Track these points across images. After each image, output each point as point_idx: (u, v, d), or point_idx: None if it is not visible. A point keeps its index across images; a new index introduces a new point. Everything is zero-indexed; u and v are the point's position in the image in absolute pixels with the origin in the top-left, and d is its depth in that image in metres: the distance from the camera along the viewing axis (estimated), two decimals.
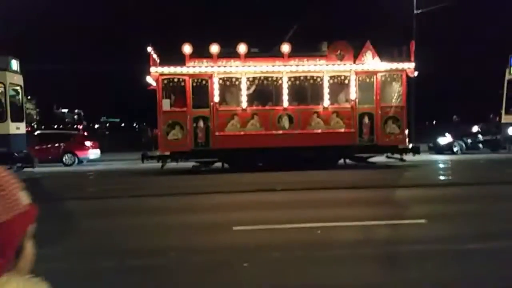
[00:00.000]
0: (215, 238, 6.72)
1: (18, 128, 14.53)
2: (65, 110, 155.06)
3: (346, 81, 15.15)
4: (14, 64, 14.34)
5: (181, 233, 7.05)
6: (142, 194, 10.67)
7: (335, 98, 15.24)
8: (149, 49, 14.20)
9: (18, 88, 14.79)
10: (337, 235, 6.83)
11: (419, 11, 25.38)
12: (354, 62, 15.06)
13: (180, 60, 14.39)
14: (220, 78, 14.61)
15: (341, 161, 15.82)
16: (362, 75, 15.15)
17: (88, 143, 20.10)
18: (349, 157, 15.83)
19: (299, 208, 8.69)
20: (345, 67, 15.04)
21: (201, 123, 14.50)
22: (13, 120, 14.03)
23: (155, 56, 14.51)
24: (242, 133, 14.71)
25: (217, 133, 14.56)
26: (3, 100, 13.87)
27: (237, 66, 14.63)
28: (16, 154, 14.39)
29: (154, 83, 14.64)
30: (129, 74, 15.87)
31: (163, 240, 6.71)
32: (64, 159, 19.09)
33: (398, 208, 8.61)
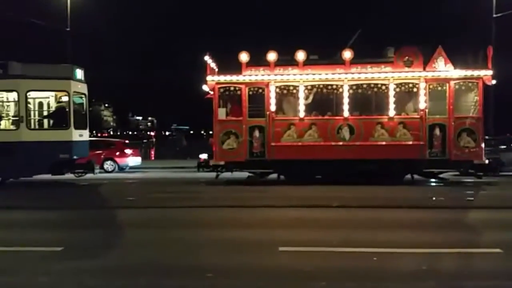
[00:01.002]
0: (257, 260, 6.16)
1: (81, 135, 14.94)
2: (140, 118, 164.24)
3: (415, 90, 13.99)
4: (79, 73, 14.80)
5: (221, 250, 6.56)
6: (188, 205, 10.33)
7: (402, 107, 14.11)
8: (206, 57, 14.06)
9: (82, 96, 15.25)
10: (395, 264, 6.00)
11: (499, 14, 23.34)
12: (424, 69, 13.89)
13: (236, 68, 14.11)
14: (277, 87, 14.09)
15: (408, 176, 14.58)
16: (433, 83, 13.93)
17: (128, 151, 20.56)
18: (417, 172, 14.55)
19: (355, 229, 7.90)
20: (414, 74, 13.91)
21: (256, 133, 14.05)
22: (76, 128, 14.44)
23: (212, 64, 14.34)
24: (299, 143, 14.04)
25: (273, 144, 14.02)
26: (66, 108, 14.33)
27: (294, 74, 14.04)
28: (77, 161, 14.79)
29: (211, 92, 14.46)
30: (195, 82, 15.99)
31: (202, 257, 6.28)
32: (105, 166, 19.52)
33: (470, 233, 7.54)
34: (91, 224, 8.61)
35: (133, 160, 20.77)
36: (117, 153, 20.13)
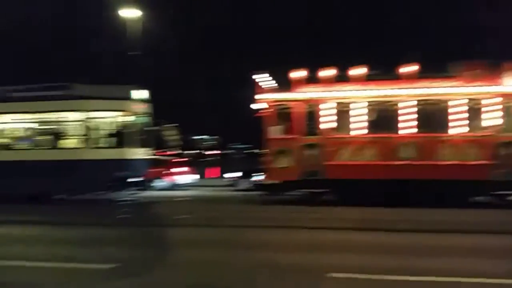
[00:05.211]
0: (302, 286, 5.70)
1: (138, 153, 15.20)
2: (205, 136, 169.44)
3: (484, 106, 12.93)
4: (138, 94, 15.19)
5: (266, 275, 6.18)
6: (236, 224, 10.01)
7: (469, 124, 13.07)
8: (257, 75, 13.93)
9: (141, 115, 15.54)
10: None
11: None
12: (495, 84, 12.82)
13: (291, 85, 13.80)
14: (333, 104, 13.59)
15: (476, 198, 13.33)
16: (505, 99, 12.81)
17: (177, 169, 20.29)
18: (486, 194, 13.30)
19: (417, 255, 7.18)
20: (483, 89, 12.89)
21: (311, 151, 13.55)
22: (131, 146, 14.75)
23: (265, 82, 14.18)
24: (357, 162, 13.36)
25: (328, 162, 13.45)
26: (125, 128, 14.68)
27: (351, 91, 13.49)
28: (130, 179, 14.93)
29: (262, 110, 14.20)
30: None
31: (245, 283, 5.93)
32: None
33: None
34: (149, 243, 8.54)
35: (184, 178, 20.51)
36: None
